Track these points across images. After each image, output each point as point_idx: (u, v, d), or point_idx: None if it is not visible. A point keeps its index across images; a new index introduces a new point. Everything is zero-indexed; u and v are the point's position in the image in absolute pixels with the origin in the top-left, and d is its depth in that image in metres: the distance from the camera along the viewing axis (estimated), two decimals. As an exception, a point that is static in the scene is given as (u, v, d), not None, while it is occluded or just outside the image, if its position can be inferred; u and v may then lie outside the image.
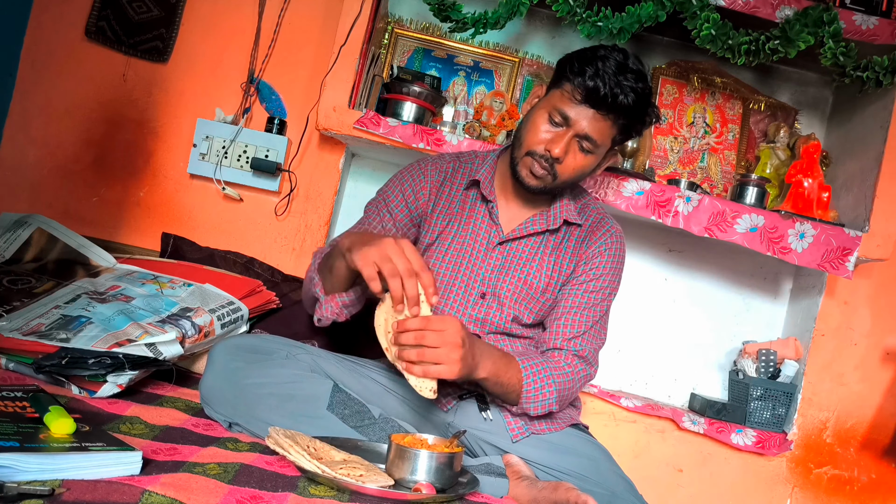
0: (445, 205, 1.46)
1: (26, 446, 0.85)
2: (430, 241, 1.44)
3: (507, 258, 1.42)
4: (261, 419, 1.16)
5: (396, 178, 1.49)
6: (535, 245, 1.43)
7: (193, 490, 0.86)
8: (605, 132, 1.33)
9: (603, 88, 1.27)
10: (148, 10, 2.05)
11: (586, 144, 1.33)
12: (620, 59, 1.29)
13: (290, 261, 2.05)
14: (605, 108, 1.29)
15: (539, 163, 1.34)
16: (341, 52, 1.87)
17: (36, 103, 2.04)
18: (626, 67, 1.29)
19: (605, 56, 1.29)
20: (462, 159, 1.52)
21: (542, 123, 1.34)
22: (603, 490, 1.24)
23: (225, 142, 2.00)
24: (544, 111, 1.34)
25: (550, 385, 1.29)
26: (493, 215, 1.43)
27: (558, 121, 1.32)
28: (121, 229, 2.06)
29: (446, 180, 1.48)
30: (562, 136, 1.32)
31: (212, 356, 1.23)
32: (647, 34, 2.09)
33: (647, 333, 2.14)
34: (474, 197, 1.46)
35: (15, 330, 1.34)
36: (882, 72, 1.76)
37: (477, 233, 1.43)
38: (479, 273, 1.41)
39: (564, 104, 1.31)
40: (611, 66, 1.28)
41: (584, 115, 1.30)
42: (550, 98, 1.35)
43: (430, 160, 1.51)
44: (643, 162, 1.99)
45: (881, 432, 2.06)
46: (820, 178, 1.90)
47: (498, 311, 1.40)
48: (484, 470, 1.22)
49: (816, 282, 2.04)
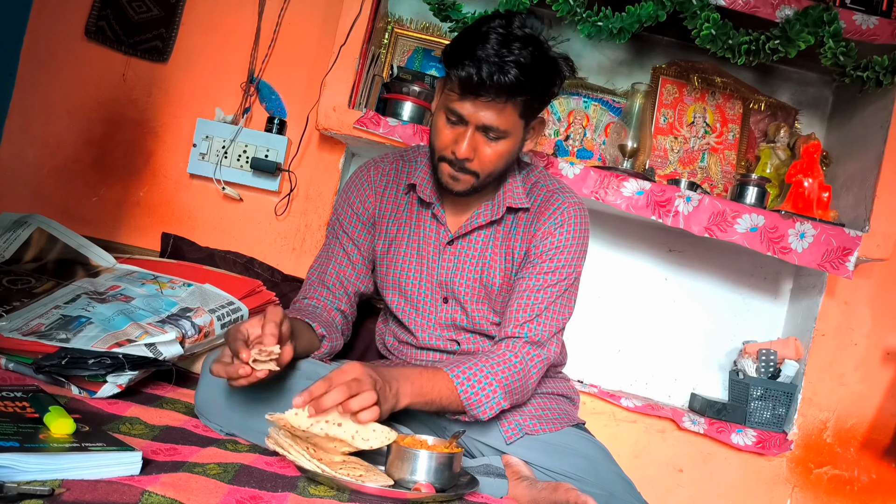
0: (392, 210, 1.42)
1: (26, 446, 0.85)
2: (385, 248, 1.42)
3: (459, 257, 1.37)
4: (256, 429, 1.13)
5: (343, 193, 1.45)
6: (485, 238, 1.37)
7: (193, 490, 0.86)
8: (506, 115, 1.22)
9: (478, 75, 1.16)
10: (148, 10, 2.04)
11: (492, 134, 1.23)
12: (503, 31, 1.18)
13: (290, 261, 2.05)
14: (490, 93, 1.18)
15: (452, 166, 1.27)
16: (341, 51, 1.87)
17: (36, 103, 2.04)
18: (509, 38, 1.17)
19: (486, 34, 1.18)
20: (406, 158, 1.45)
21: (442, 126, 1.26)
22: (602, 490, 1.24)
23: (225, 142, 2.00)
24: (441, 112, 1.26)
25: (491, 384, 1.21)
26: (437, 216, 1.38)
27: (454, 120, 1.24)
28: (121, 229, 2.06)
29: (389, 184, 1.43)
30: (462, 134, 1.23)
31: (205, 368, 1.21)
32: (647, 34, 2.08)
33: (647, 333, 2.14)
34: (417, 199, 1.40)
35: (15, 330, 1.34)
36: (882, 72, 1.76)
37: (426, 236, 1.39)
38: (436, 277, 1.38)
39: (453, 101, 1.22)
40: (491, 44, 1.17)
41: (474, 107, 1.20)
42: (443, 96, 1.26)
43: (373, 163, 1.45)
44: (643, 161, 1.99)
45: (881, 432, 2.06)
46: (820, 178, 1.89)
47: (463, 312, 1.38)
48: (483, 470, 1.22)
49: (817, 282, 2.04)
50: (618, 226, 2.11)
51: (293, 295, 1.82)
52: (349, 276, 1.41)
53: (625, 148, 1.94)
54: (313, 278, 1.42)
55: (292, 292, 1.83)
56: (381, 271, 1.43)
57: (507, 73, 1.16)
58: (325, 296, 1.39)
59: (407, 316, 1.41)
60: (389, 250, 1.41)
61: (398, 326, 1.45)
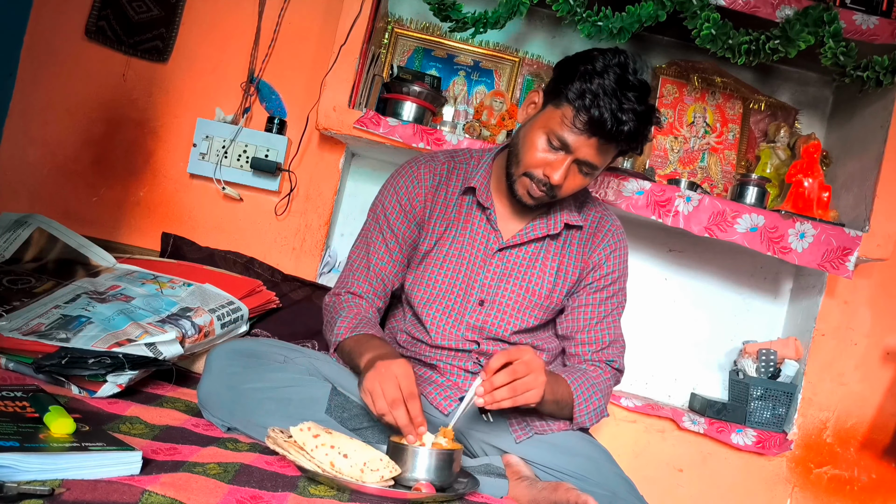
0: (442, 209, 1.42)
1: (26, 446, 0.85)
2: (429, 248, 1.41)
3: (507, 265, 1.39)
4: (259, 424, 1.15)
5: (391, 185, 1.44)
6: (536, 250, 1.40)
7: (193, 490, 0.86)
8: (607, 155, 1.29)
9: (604, 117, 1.20)
10: (148, 10, 2.04)
11: (586, 169, 1.29)
12: (619, 73, 1.22)
13: (291, 261, 2.05)
14: (607, 138, 1.23)
15: (537, 186, 1.29)
16: (341, 51, 1.87)
17: (36, 103, 2.04)
18: (626, 84, 1.22)
19: (605, 70, 1.22)
20: (457, 159, 1.47)
21: (540, 145, 1.28)
22: (603, 490, 1.24)
23: (225, 141, 2.00)
24: (542, 132, 1.28)
25: (597, 394, 1.33)
26: (491, 221, 1.40)
27: (557, 146, 1.26)
28: (121, 229, 2.06)
29: (441, 184, 1.43)
30: (561, 161, 1.27)
31: (208, 361, 1.23)
32: (647, 34, 2.09)
33: (647, 333, 2.14)
34: (470, 202, 1.42)
35: (15, 330, 1.34)
36: (882, 71, 1.76)
37: (475, 239, 1.40)
38: (478, 280, 1.38)
39: (564, 130, 1.24)
40: (610, 82, 1.21)
41: (585, 143, 1.24)
42: (549, 117, 1.27)
43: (423, 161, 1.45)
44: (643, 161, 1.99)
45: (881, 432, 2.06)
46: (820, 178, 1.89)
47: (496, 317, 1.38)
48: (484, 470, 1.22)
49: (817, 282, 2.04)
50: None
51: (293, 295, 1.83)
52: (388, 272, 1.42)
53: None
54: (357, 268, 1.42)
55: (292, 292, 1.83)
56: (419, 270, 1.42)
57: (625, 124, 1.21)
58: (367, 291, 1.40)
59: (430, 316, 1.39)
60: (433, 249, 1.41)
61: (415, 324, 1.43)
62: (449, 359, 1.39)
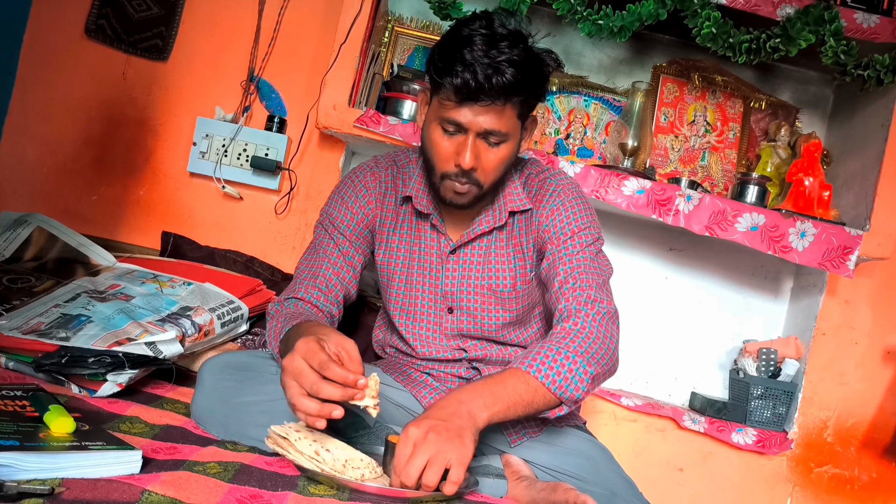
0: (391, 219, 1.38)
1: (26, 445, 0.84)
2: (385, 260, 1.38)
3: (463, 267, 1.35)
4: (254, 437, 1.11)
5: (337, 194, 1.39)
6: (489, 243, 1.34)
7: (193, 489, 0.86)
8: (506, 117, 1.18)
9: (478, 77, 1.12)
10: (148, 9, 2.04)
11: (493, 138, 1.20)
12: (487, 32, 1.14)
13: (291, 259, 2.05)
14: (489, 96, 1.14)
15: (458, 181, 1.22)
16: (341, 50, 1.86)
17: (35, 102, 2.04)
18: (495, 38, 1.14)
19: (470, 36, 1.14)
20: (399, 164, 1.40)
21: (439, 139, 1.21)
22: (603, 490, 1.24)
23: (225, 140, 2.00)
24: (436, 124, 1.22)
25: (567, 357, 1.13)
26: (436, 227, 1.34)
27: (452, 130, 1.20)
28: (120, 228, 2.05)
29: (387, 192, 1.38)
30: (463, 143, 1.19)
31: (200, 376, 1.19)
32: (647, 32, 2.08)
33: (647, 332, 2.14)
34: (414, 211, 1.36)
35: (15, 329, 1.34)
36: (883, 70, 1.76)
37: (427, 247, 1.35)
38: (440, 288, 1.35)
39: (448, 111, 1.18)
40: (478, 46, 1.13)
41: (472, 113, 1.17)
42: (436, 108, 1.22)
43: (367, 169, 1.40)
44: (644, 160, 1.99)
45: (882, 431, 2.06)
46: (821, 177, 1.89)
47: (470, 321, 1.36)
48: (483, 471, 1.21)
49: (817, 281, 2.04)
50: (618, 225, 2.10)
51: (294, 294, 1.82)
52: (343, 278, 1.34)
53: (625, 147, 1.94)
54: (304, 276, 1.33)
55: (292, 291, 1.83)
56: (383, 283, 1.41)
57: (503, 74, 1.13)
58: (318, 297, 1.31)
59: (409, 330, 1.38)
60: (390, 263, 1.38)
61: (399, 338, 1.43)
62: (441, 367, 1.39)
